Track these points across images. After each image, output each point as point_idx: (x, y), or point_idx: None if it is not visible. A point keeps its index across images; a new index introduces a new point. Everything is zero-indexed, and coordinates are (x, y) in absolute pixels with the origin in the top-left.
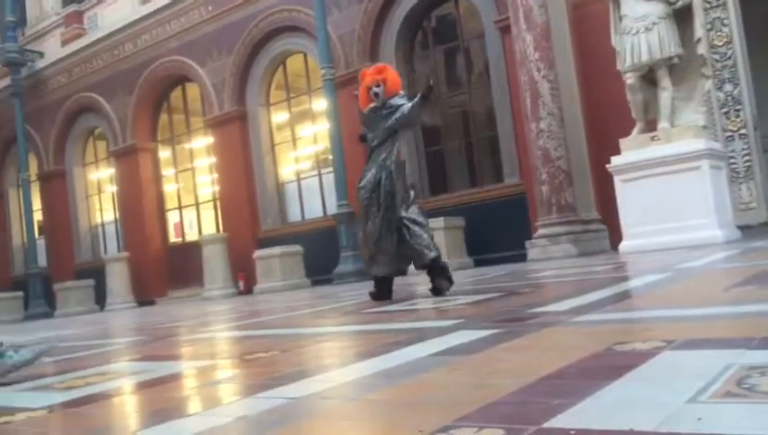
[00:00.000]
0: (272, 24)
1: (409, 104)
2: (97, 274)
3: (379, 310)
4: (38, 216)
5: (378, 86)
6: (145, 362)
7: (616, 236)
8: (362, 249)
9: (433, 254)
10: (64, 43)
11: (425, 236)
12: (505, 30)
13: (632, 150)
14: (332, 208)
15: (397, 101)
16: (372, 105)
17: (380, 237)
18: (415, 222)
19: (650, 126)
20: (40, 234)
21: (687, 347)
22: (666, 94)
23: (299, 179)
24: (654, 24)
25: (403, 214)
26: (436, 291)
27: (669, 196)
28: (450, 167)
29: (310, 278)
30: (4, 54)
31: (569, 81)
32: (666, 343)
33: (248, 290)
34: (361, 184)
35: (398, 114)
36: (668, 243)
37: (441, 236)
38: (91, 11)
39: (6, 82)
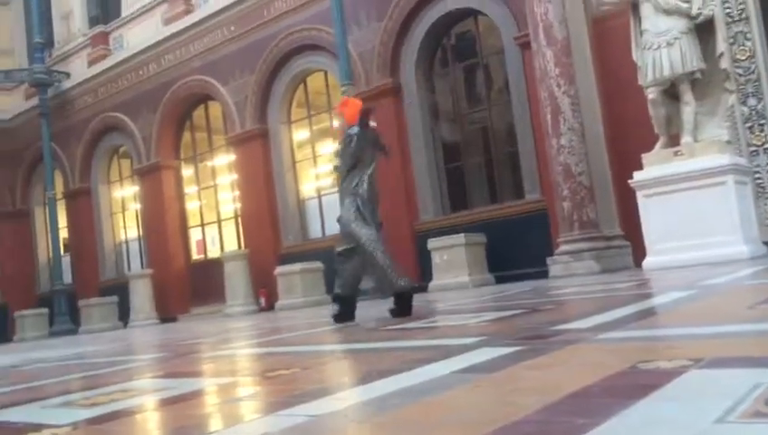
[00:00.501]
0: (293, 43)
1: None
2: (121, 290)
3: (399, 327)
4: (64, 233)
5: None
6: (167, 378)
7: (639, 253)
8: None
9: (403, 283)
10: (90, 63)
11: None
12: (525, 46)
13: (655, 166)
14: None
15: (352, 130)
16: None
17: (378, 258)
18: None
19: (673, 141)
20: (65, 251)
21: (714, 366)
22: (689, 109)
23: (320, 196)
24: (675, 38)
25: None
26: (397, 312)
27: (693, 211)
28: (470, 183)
29: (330, 295)
30: (32, 75)
31: (590, 96)
32: (692, 362)
33: (269, 306)
34: (339, 216)
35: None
36: (693, 259)
37: (462, 253)
38: (117, 32)
39: (34, 102)
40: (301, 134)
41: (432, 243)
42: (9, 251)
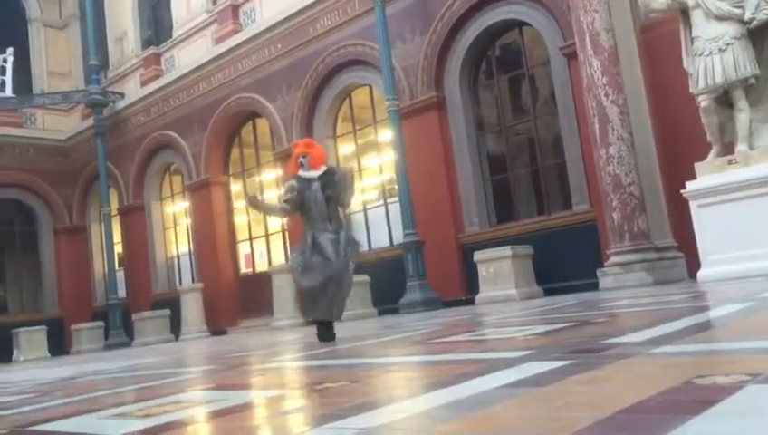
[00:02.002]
0: (338, 59)
1: (346, 189)
2: (173, 304)
3: (446, 340)
4: (118, 248)
5: (304, 156)
6: (218, 390)
7: (693, 264)
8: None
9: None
10: (143, 83)
11: None
12: (571, 56)
13: (709, 175)
14: (399, 238)
15: (334, 172)
16: (303, 173)
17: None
18: None
19: (727, 149)
20: (120, 266)
21: None
22: (743, 116)
23: (365, 209)
24: (728, 44)
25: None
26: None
27: (750, 221)
28: (517, 195)
29: (377, 308)
30: (89, 96)
31: (639, 105)
32: (750, 377)
33: None
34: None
35: (343, 193)
36: (750, 271)
37: (509, 265)
38: (169, 53)
39: (90, 122)
40: (346, 148)
41: (478, 255)
42: (67, 266)
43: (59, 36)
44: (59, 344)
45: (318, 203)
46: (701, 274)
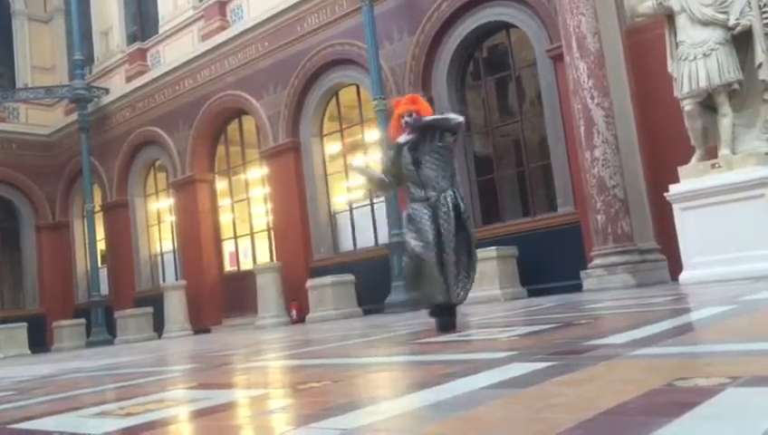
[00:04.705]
0: (325, 58)
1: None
2: (156, 301)
3: (431, 340)
4: (101, 245)
5: (410, 115)
6: (201, 389)
7: (675, 267)
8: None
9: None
10: (129, 79)
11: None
12: (558, 58)
13: (692, 178)
14: (384, 238)
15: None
16: (404, 139)
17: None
18: None
19: (710, 153)
20: (102, 263)
21: (754, 384)
22: (726, 121)
23: (351, 209)
24: (712, 49)
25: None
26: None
27: (732, 225)
28: (502, 196)
29: (362, 307)
30: (73, 91)
31: (624, 108)
32: (730, 380)
33: (300, 319)
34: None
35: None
36: (731, 274)
37: (494, 266)
38: (154, 48)
39: (74, 117)
40: (333, 147)
41: None
42: (48, 262)
43: (43, 30)
44: (40, 341)
45: (409, 169)
46: (683, 276)
